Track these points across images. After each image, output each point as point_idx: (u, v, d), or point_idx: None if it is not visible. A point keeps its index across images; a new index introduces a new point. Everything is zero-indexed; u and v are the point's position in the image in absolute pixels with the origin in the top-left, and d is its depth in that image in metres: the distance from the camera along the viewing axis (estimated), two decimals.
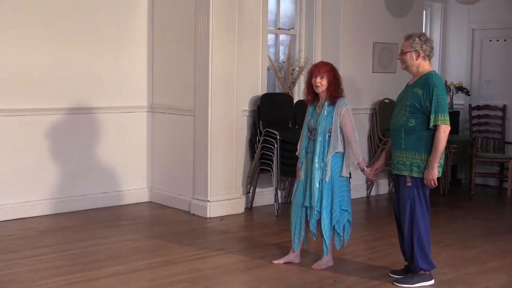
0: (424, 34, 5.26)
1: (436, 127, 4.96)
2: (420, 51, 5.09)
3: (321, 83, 5.36)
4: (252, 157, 7.71)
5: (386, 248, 6.19)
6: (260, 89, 7.86)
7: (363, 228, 7.20)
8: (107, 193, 7.57)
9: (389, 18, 8.65)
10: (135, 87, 7.75)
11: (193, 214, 7.28)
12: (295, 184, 5.68)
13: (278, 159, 7.40)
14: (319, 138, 5.37)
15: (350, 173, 5.55)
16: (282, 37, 8.43)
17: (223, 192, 7.25)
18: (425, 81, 5.05)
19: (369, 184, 8.59)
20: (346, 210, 5.48)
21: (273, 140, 7.42)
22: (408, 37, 5.18)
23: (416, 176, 5.07)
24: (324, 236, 5.44)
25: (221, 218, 7.14)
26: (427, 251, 5.17)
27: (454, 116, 9.65)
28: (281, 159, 7.44)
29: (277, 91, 8.28)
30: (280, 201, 7.71)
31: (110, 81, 7.51)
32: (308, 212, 5.48)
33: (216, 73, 7.04)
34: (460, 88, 9.76)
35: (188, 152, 7.37)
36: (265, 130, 7.55)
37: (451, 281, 5.32)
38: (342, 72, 8.06)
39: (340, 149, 5.37)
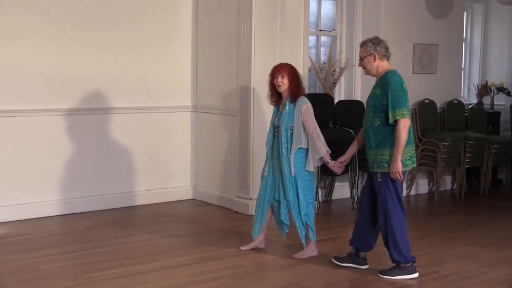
0: (376, 38, 5.38)
1: (396, 122, 5.04)
2: (375, 53, 5.22)
3: (283, 82, 5.49)
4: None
5: (425, 247, 6.09)
6: None
7: None
8: (151, 190, 7.60)
9: (429, 20, 8.52)
10: (180, 88, 7.78)
11: (236, 212, 7.27)
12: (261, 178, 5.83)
13: None
14: (282, 135, 5.50)
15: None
16: (323, 38, 8.38)
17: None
18: (382, 81, 5.17)
19: (409, 184, 8.48)
20: (311, 202, 5.61)
21: None
22: (362, 44, 5.33)
23: (388, 171, 5.12)
24: (298, 229, 5.57)
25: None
26: (401, 244, 5.17)
27: (495, 117, 9.49)
28: None
29: (318, 91, 8.23)
30: (320, 199, 7.65)
31: (156, 82, 7.54)
32: (276, 205, 5.62)
33: (259, 74, 7.01)
34: (501, 89, 9.56)
35: (231, 151, 7.36)
36: None
37: (491, 281, 5.20)
38: None
39: (303, 145, 5.47)
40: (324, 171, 7.47)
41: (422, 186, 8.73)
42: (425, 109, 8.43)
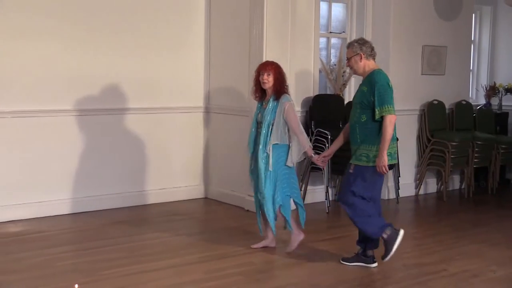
0: (362, 38, 5.51)
1: (382, 118, 5.12)
2: (361, 53, 5.30)
3: (268, 80, 5.51)
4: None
5: (434, 246, 6.07)
6: (312, 91, 7.81)
7: (412, 226, 7.09)
8: (164, 189, 7.61)
9: (438, 22, 8.49)
10: (193, 89, 7.79)
11: (247, 210, 7.26)
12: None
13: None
14: (263, 131, 5.53)
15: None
16: (333, 40, 8.36)
17: None
18: (369, 79, 5.25)
19: (418, 183, 8.45)
20: (289, 196, 5.62)
21: (324, 140, 7.37)
22: (349, 45, 5.42)
23: (363, 164, 5.24)
24: (268, 220, 5.60)
25: None
26: (375, 223, 5.32)
27: (503, 117, 9.45)
28: (332, 158, 7.34)
29: (328, 92, 8.22)
30: (330, 198, 7.64)
31: (169, 83, 7.56)
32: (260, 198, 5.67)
33: None
34: (509, 90, 9.51)
35: (242, 150, 7.33)
36: (316, 130, 7.51)
37: (499, 279, 5.18)
38: (392, 74, 8.03)
39: (280, 140, 5.51)
40: (334, 170, 7.48)
41: (431, 185, 8.69)
42: (434, 110, 8.40)
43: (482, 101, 9.69)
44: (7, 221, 6.51)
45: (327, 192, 7.45)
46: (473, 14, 9.34)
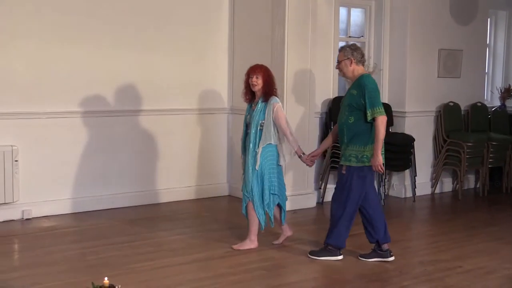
0: (354, 44, 5.53)
1: (374, 120, 5.17)
2: (352, 58, 5.34)
3: (257, 82, 5.52)
4: (323, 155, 7.64)
5: (449, 243, 6.04)
6: (332, 93, 7.81)
7: (428, 224, 7.07)
8: (190, 187, 7.65)
9: (454, 26, 8.43)
10: (217, 91, 7.81)
11: None
12: None
13: None
14: (252, 131, 5.53)
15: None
16: None
17: (296, 187, 7.22)
18: (358, 83, 5.29)
19: (434, 182, 8.40)
20: (275, 194, 5.59)
21: None
22: (341, 49, 5.47)
23: (354, 165, 5.27)
24: (258, 216, 5.60)
25: (294, 211, 7.10)
26: (340, 231, 5.39)
27: None
28: None
29: None
30: None
31: (195, 85, 7.59)
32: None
33: (291, 78, 7.03)
34: None
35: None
36: None
37: None
38: (409, 77, 8.04)
39: (271, 141, 5.51)
40: None
41: (447, 184, 8.64)
42: (449, 111, 8.35)
43: (497, 103, 9.60)
44: (41, 216, 6.58)
45: None
46: (488, 19, 9.26)
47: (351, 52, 5.37)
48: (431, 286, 4.83)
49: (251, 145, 5.54)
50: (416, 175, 7.99)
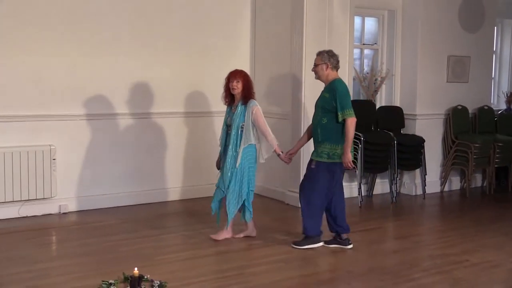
0: (331, 51, 5.58)
1: (344, 121, 5.28)
2: (328, 63, 5.44)
3: (237, 86, 5.55)
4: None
5: (457, 238, 6.01)
6: None
7: (437, 220, 7.04)
8: (212, 184, 7.64)
9: (462, 34, 8.38)
10: None
11: (287, 204, 7.29)
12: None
13: (362, 157, 7.32)
14: (233, 132, 5.55)
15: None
16: (366, 51, 8.32)
17: None
18: (330, 87, 5.41)
19: (443, 181, 8.36)
20: (252, 190, 5.65)
21: (357, 141, 7.34)
22: (319, 53, 5.53)
23: (324, 161, 5.40)
24: (228, 212, 5.60)
25: None
26: (313, 221, 5.49)
27: None
28: (364, 157, 7.35)
29: (361, 98, 8.18)
30: (363, 194, 7.61)
31: (219, 89, 7.60)
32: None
33: (309, 82, 7.03)
34: None
35: (284, 150, 7.36)
36: None
37: None
38: (419, 81, 8.01)
39: (252, 141, 5.54)
40: (366, 169, 7.45)
41: (455, 183, 8.59)
42: (458, 114, 8.30)
43: (503, 106, 9.52)
44: (76, 210, 6.66)
45: (360, 188, 7.43)
46: (495, 27, 9.18)
47: (328, 57, 5.46)
48: (440, 278, 4.82)
49: (231, 145, 5.56)
50: (426, 174, 7.96)
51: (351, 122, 5.29)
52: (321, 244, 5.55)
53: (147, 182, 7.18)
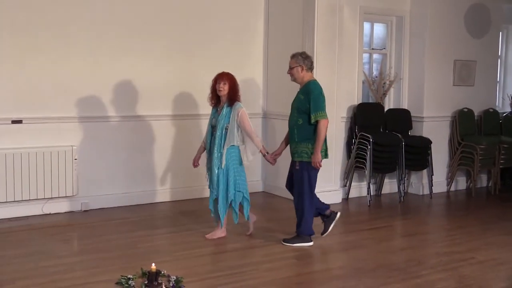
0: (304, 53, 5.56)
1: (317, 122, 5.26)
2: (303, 65, 5.39)
3: (224, 88, 5.49)
4: (348, 156, 7.64)
5: (463, 236, 5.98)
6: (356, 99, 7.78)
7: (443, 218, 7.00)
8: None
9: (468, 39, 8.33)
10: (253, 98, 7.83)
11: None
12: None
13: (371, 158, 7.30)
14: (218, 134, 5.50)
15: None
16: (375, 56, 8.30)
17: (324, 184, 7.18)
18: (306, 89, 5.38)
19: (449, 181, 8.32)
20: (240, 191, 5.57)
21: (366, 142, 7.33)
22: (293, 56, 5.47)
23: (306, 160, 5.36)
24: (219, 213, 5.58)
25: None
26: (306, 220, 5.45)
27: None
28: (373, 158, 7.34)
29: (370, 101, 8.16)
30: (372, 193, 7.59)
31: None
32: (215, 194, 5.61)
33: (321, 85, 7.01)
34: None
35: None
36: (360, 133, 7.48)
37: None
38: (426, 85, 7.99)
39: (234, 142, 5.48)
40: (375, 169, 7.43)
41: (461, 183, 8.54)
42: (464, 117, 8.26)
43: (507, 109, 9.46)
44: (97, 208, 6.69)
45: (369, 188, 7.41)
46: (500, 33, 9.12)
47: (302, 60, 5.41)
48: (446, 275, 4.79)
49: (216, 146, 5.51)
50: (433, 174, 7.92)
51: (323, 124, 5.27)
52: (311, 243, 5.49)
53: (167, 180, 7.20)
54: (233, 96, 5.53)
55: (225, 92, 5.52)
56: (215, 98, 5.64)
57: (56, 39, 6.36)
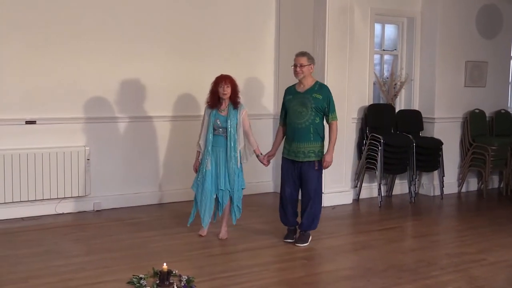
0: (309, 53, 5.59)
1: (331, 123, 5.39)
2: (313, 64, 5.47)
3: (227, 91, 5.54)
4: (359, 157, 7.61)
5: (474, 237, 5.93)
6: (367, 100, 7.75)
7: (454, 219, 6.95)
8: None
9: (480, 40, 8.28)
10: (264, 99, 7.84)
11: None
12: (201, 173, 5.68)
13: (382, 159, 7.27)
14: (231, 134, 5.53)
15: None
16: (386, 57, 8.27)
17: (335, 185, 7.19)
18: (321, 89, 5.43)
19: (460, 182, 8.26)
20: (243, 188, 5.70)
21: (377, 143, 7.30)
22: (303, 54, 5.49)
23: (314, 159, 5.41)
24: (235, 210, 5.70)
25: (333, 207, 7.08)
26: (318, 217, 5.55)
27: None
28: (384, 159, 7.30)
29: (381, 102, 8.12)
30: (382, 194, 7.56)
31: (245, 94, 7.59)
32: (219, 194, 5.62)
33: (331, 87, 6.90)
34: None
35: None
36: (371, 134, 7.45)
37: None
38: (438, 86, 7.95)
39: (242, 143, 5.61)
40: (385, 170, 7.39)
41: (472, 184, 8.49)
42: (475, 118, 8.20)
43: None
44: (109, 208, 6.72)
45: (379, 189, 7.38)
46: None
47: (312, 60, 5.49)
48: (457, 276, 4.76)
49: (232, 146, 5.54)
50: (444, 175, 7.88)
51: (336, 125, 5.43)
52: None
53: (177, 181, 7.19)
54: (236, 98, 5.62)
55: (228, 95, 5.58)
56: (215, 100, 5.65)
57: (69, 41, 6.39)
